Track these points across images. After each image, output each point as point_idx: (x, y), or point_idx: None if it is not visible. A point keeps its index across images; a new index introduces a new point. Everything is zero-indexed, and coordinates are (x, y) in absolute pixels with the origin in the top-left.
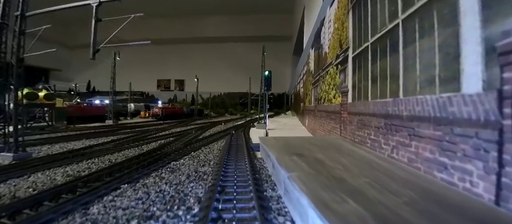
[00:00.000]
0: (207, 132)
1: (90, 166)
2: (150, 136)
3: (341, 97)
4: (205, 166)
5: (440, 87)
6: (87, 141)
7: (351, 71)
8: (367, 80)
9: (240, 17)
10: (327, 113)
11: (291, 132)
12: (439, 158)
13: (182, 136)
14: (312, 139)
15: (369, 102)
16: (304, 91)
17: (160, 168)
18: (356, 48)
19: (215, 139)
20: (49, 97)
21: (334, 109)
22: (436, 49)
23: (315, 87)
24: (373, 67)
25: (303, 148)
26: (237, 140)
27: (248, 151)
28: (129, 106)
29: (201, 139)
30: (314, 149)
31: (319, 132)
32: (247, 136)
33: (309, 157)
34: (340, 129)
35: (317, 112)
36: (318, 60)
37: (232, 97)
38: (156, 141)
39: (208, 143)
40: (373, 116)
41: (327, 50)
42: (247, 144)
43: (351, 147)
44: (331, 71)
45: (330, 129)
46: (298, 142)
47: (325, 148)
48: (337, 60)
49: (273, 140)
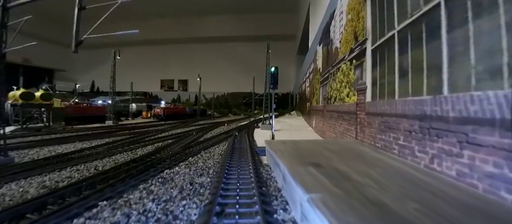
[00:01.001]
0: (208, 134)
1: (72, 174)
2: (148, 138)
3: (357, 95)
4: (203, 176)
5: (511, 80)
6: (80, 143)
7: (370, 66)
8: (392, 75)
9: (243, 16)
10: (338, 113)
11: (298, 133)
12: (510, 174)
13: (182, 138)
14: (325, 144)
15: (396, 100)
16: (311, 91)
17: (151, 178)
18: (376, 39)
19: (216, 142)
20: (46, 97)
21: (348, 109)
22: (502, 29)
23: (324, 85)
24: (401, 59)
25: (318, 154)
26: (241, 142)
27: (252, 155)
28: (130, 107)
29: (202, 142)
30: (331, 156)
31: (328, 133)
32: (251, 138)
33: (328, 168)
34: (356, 132)
35: (326, 113)
36: (327, 56)
37: (236, 97)
38: (153, 144)
39: (208, 146)
40: (403, 117)
41: (338, 45)
42: (252, 147)
43: (374, 154)
44: (344, 68)
45: (342, 131)
46: (311, 146)
47: (345, 155)
48: (351, 55)
49: (281, 144)
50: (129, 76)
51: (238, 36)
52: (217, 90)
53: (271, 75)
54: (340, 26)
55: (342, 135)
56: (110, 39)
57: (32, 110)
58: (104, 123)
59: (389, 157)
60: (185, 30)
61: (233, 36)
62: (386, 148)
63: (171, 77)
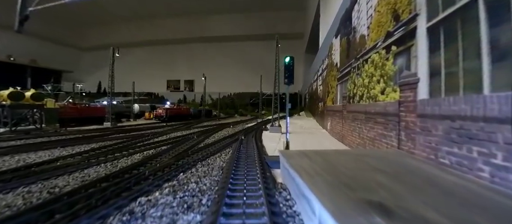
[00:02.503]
0: (211, 138)
1: (14, 201)
2: (141, 144)
3: (400, 91)
4: (191, 212)
5: None
6: (59, 150)
7: (426, 50)
8: (474, 59)
9: (250, 14)
10: (366, 114)
11: (311, 138)
12: None
13: (180, 143)
14: (364, 157)
15: (486, 96)
16: (324, 89)
17: (115, 213)
18: (438, 11)
19: (219, 149)
20: (37, 97)
21: (384, 110)
22: None
23: (343, 82)
24: (495, 32)
25: (368, 179)
26: (247, 149)
27: (262, 169)
28: (132, 107)
29: (201, 149)
30: (390, 183)
31: (350, 139)
32: (260, 143)
33: (405, 214)
34: (399, 139)
35: (347, 114)
36: (348, 49)
37: (243, 97)
38: (143, 152)
39: (208, 156)
40: (502, 123)
41: (365, 32)
42: (261, 157)
43: (454, 179)
44: (376, 58)
45: (373, 136)
46: (347, 162)
47: (407, 180)
48: (387, 41)
49: (302, 158)
50: (135, 76)
51: (245, 35)
52: (224, 90)
53: (285, 67)
54: (369, 7)
55: (372, 142)
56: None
57: (22, 111)
58: (102, 124)
59: (478, 183)
60: (191, 30)
61: (240, 35)
62: (463, 168)
63: (178, 77)
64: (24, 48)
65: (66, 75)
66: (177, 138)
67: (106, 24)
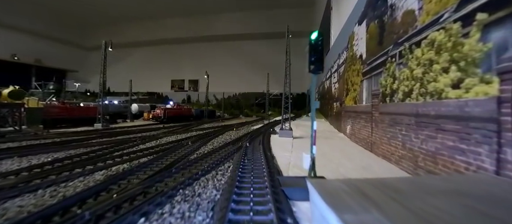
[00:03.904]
0: (209, 144)
1: None
2: (120, 153)
3: (501, 83)
4: None
5: None
6: (14, 162)
7: None
8: None
9: (255, 12)
10: (420, 118)
11: (330, 145)
12: None
13: (168, 152)
14: (452, 193)
15: None
16: (342, 87)
17: None
18: None
19: (215, 163)
20: (15, 96)
21: (462, 112)
22: None
23: (371, 77)
24: None
25: None
26: (253, 162)
27: (274, 196)
28: (131, 107)
29: (193, 162)
30: None
31: (385, 148)
32: (269, 152)
33: None
34: (499, 159)
35: (379, 116)
36: (380, 34)
37: (248, 97)
38: (112, 167)
39: (198, 176)
40: None
41: (415, 5)
42: (273, 178)
43: None
44: (439, 37)
45: (434, 150)
46: (439, 207)
47: None
48: (467, 7)
49: (359, 202)
50: (140, 76)
51: (250, 33)
52: (229, 90)
53: (311, 47)
54: None
55: (433, 159)
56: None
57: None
58: (92, 126)
59: None
60: (196, 29)
61: (245, 33)
62: None
63: (182, 77)
64: (28, 47)
65: (72, 74)
66: (168, 144)
67: (111, 24)
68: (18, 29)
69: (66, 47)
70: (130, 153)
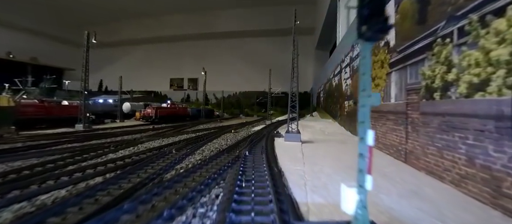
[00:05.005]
0: (198, 153)
1: None
2: (76, 166)
3: None
4: None
5: None
6: None
7: None
8: None
9: (256, 9)
10: (504, 122)
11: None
12: None
13: (140, 166)
14: None
15: None
16: (355, 84)
17: None
18: None
19: (198, 187)
20: None
21: None
22: None
23: (405, 67)
24: None
25: None
26: (253, 183)
27: None
28: (121, 106)
29: (166, 188)
30: None
31: (431, 161)
32: (276, 168)
33: None
34: None
35: (418, 117)
36: (421, 10)
37: (249, 96)
38: (39, 196)
39: (164, 220)
40: None
41: None
42: (284, 214)
43: None
44: None
45: None
46: None
47: None
48: None
49: None
50: (138, 74)
51: (251, 30)
52: (229, 89)
53: (357, 9)
54: None
55: None
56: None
57: None
58: (73, 127)
59: None
60: (195, 26)
61: (245, 30)
62: None
63: (181, 76)
64: (24, 45)
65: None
66: (146, 152)
67: (109, 22)
68: (14, 26)
69: (63, 45)
70: (87, 168)
